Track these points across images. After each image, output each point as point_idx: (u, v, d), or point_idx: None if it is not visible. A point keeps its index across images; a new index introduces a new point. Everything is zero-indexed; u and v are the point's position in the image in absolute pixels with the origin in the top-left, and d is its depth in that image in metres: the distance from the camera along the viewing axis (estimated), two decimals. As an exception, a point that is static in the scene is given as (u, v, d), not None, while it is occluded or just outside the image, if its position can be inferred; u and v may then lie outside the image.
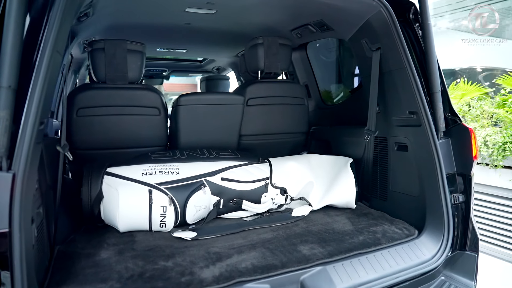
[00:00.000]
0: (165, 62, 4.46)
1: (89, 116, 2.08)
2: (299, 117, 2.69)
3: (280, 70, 2.56)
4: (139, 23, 2.61)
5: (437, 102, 1.79)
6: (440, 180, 1.77)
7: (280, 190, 2.16)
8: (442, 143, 1.81)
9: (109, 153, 2.20)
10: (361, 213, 2.14)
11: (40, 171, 1.43)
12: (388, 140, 2.10)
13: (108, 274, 1.40)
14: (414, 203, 1.93)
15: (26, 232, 1.10)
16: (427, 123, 1.80)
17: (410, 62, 1.81)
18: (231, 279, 1.39)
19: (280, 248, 1.64)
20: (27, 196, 1.12)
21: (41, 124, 1.20)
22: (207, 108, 2.35)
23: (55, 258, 1.52)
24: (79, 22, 2.13)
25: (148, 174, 1.90)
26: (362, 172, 2.28)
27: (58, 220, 1.74)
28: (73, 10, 1.36)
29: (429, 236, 1.79)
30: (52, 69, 1.19)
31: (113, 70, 2.07)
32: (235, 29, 2.81)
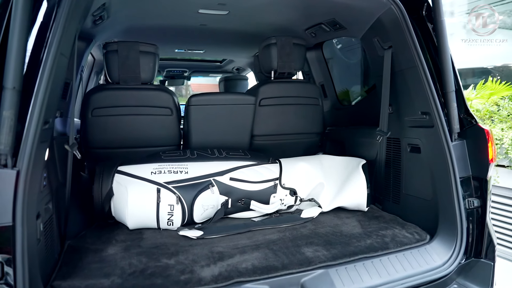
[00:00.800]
0: (186, 62, 4.53)
1: (103, 116, 2.15)
2: (313, 117, 2.66)
3: (294, 70, 2.55)
4: (156, 25, 2.67)
5: (450, 102, 1.71)
6: (453, 184, 1.69)
7: (290, 191, 2.14)
8: (456, 145, 1.74)
9: (123, 152, 2.27)
10: (373, 216, 2.08)
11: (50, 169, 1.49)
12: (401, 141, 2.03)
13: (111, 269, 1.45)
14: (427, 207, 1.86)
15: (29, 226, 1.16)
16: (440, 124, 1.73)
17: (422, 61, 1.74)
18: (229, 279, 1.39)
19: (284, 250, 1.63)
20: (31, 193, 1.17)
21: (46, 124, 1.26)
22: (218, 109, 2.36)
23: (64, 252, 1.59)
24: (95, 25, 2.21)
25: (157, 173, 1.93)
26: (375, 174, 2.22)
27: (71, 216, 1.81)
28: (78, 15, 1.41)
29: (441, 242, 1.71)
30: (56, 71, 1.24)
31: (126, 71, 2.13)
32: (250, 30, 2.81)
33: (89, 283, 1.33)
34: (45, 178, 1.40)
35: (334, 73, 3.00)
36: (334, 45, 3.16)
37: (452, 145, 1.72)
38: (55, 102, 1.35)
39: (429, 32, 1.79)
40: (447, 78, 1.71)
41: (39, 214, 1.30)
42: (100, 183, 1.89)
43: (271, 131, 2.58)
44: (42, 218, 1.33)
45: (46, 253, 1.37)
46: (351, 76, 3.12)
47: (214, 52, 3.92)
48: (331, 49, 3.05)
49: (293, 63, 2.51)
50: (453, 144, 1.72)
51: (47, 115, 1.24)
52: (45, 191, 1.41)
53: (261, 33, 2.76)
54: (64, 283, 1.31)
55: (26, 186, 1.13)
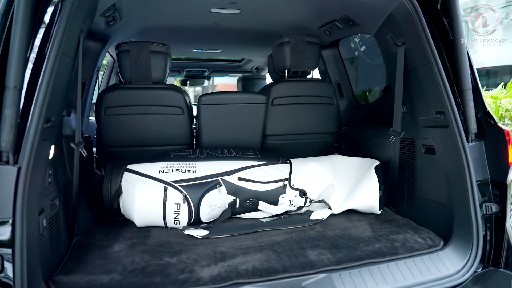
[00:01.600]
0: (205, 62, 4.56)
1: (116, 115, 2.19)
2: (328, 117, 2.60)
3: (307, 68, 2.50)
4: (170, 26, 2.69)
5: (467, 101, 1.61)
6: (469, 187, 1.60)
7: (299, 192, 2.10)
8: (473, 146, 1.63)
9: (135, 150, 2.30)
10: (385, 219, 2.00)
11: (57, 166, 1.53)
12: (416, 142, 1.94)
13: (113, 266, 1.47)
14: (441, 211, 1.77)
15: (30, 222, 1.19)
16: (455, 124, 1.63)
17: (436, 57, 1.65)
18: (228, 280, 1.37)
19: (288, 252, 1.59)
20: (33, 189, 1.20)
21: (48, 122, 1.28)
22: (228, 108, 2.35)
23: (71, 248, 1.63)
24: (108, 25, 2.26)
25: (165, 171, 1.95)
26: (389, 176, 2.14)
27: (82, 213, 1.86)
28: (81, 15, 1.43)
29: (455, 249, 1.62)
30: (58, 71, 1.27)
31: (138, 71, 2.16)
32: (265, 28, 2.79)
33: (89, 279, 1.35)
34: (50, 175, 1.43)
35: (351, 72, 2.92)
36: (351, 43, 3.08)
37: (468, 146, 1.62)
38: (58, 101, 1.38)
39: (445, 27, 1.70)
40: (463, 75, 1.61)
41: (43, 210, 1.34)
42: (110, 181, 1.93)
43: (283, 131, 2.55)
44: (46, 213, 1.37)
45: (51, 248, 1.41)
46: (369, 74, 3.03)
47: (231, 51, 3.92)
48: (348, 46, 2.97)
49: (307, 61, 2.47)
50: (470, 145, 1.63)
51: (48, 114, 1.27)
52: (50, 187, 1.44)
53: (276, 31, 2.73)
54: (66, 278, 1.34)
55: (26, 183, 1.16)
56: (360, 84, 3.06)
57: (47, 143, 1.33)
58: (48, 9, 1.27)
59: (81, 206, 1.88)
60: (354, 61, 3.06)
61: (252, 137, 2.46)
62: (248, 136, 2.44)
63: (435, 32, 1.72)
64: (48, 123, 1.29)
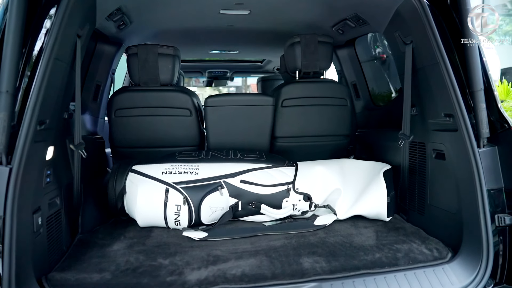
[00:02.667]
0: (226, 63, 4.59)
1: (125, 116, 2.25)
2: (340, 118, 2.51)
3: (319, 69, 2.43)
4: (183, 28, 2.73)
5: (478, 103, 1.49)
6: (479, 196, 1.47)
7: (304, 196, 2.04)
8: (485, 152, 1.51)
9: (145, 151, 2.35)
10: (394, 227, 1.90)
11: (57, 167, 1.59)
12: (426, 146, 1.83)
13: (108, 265, 1.50)
14: (451, 221, 1.65)
15: (22, 220, 1.23)
16: (464, 128, 1.52)
17: (444, 56, 1.54)
18: (214, 284, 1.36)
19: (282, 258, 1.56)
20: (25, 188, 1.25)
21: (42, 125, 1.33)
22: (233, 109, 2.34)
23: (73, 245, 1.69)
24: (119, 29, 2.32)
25: (168, 173, 1.97)
26: (401, 181, 2.03)
27: (88, 211, 1.92)
28: (76, 21, 1.47)
29: (463, 262, 1.50)
30: (51, 75, 1.32)
31: (146, 73, 2.21)
32: (278, 28, 2.75)
33: (81, 277, 1.39)
34: (49, 175, 1.49)
35: (370, 71, 2.81)
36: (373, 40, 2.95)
37: (480, 151, 1.50)
38: (54, 104, 1.42)
39: (456, 24, 1.58)
40: (473, 75, 1.49)
41: (39, 208, 1.39)
42: (114, 181, 1.98)
43: (294, 133, 2.50)
44: (43, 212, 1.42)
45: (49, 245, 1.46)
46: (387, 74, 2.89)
47: (248, 52, 3.91)
48: (366, 45, 2.86)
49: (319, 62, 2.40)
50: (481, 151, 1.50)
51: (42, 117, 1.32)
52: (49, 187, 1.50)
53: (290, 31, 2.69)
54: (58, 275, 1.39)
55: (17, 182, 1.21)
56: (383, 85, 2.93)
57: (41, 144, 1.38)
58: (41, 16, 1.32)
59: (88, 205, 1.94)
60: (376, 60, 2.94)
61: (260, 139, 2.43)
62: (256, 138, 2.42)
63: (445, 29, 1.60)
64: (42, 125, 1.34)
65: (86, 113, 2.48)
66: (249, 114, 2.35)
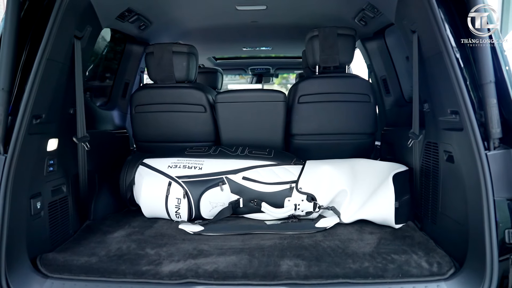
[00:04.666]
0: (268, 60, 4.57)
1: (144, 112, 2.38)
2: (362, 116, 2.35)
3: (339, 63, 2.30)
4: (207, 26, 2.78)
5: (487, 98, 1.28)
6: (485, 206, 1.27)
7: (307, 196, 1.96)
8: (495, 155, 1.29)
9: (163, 146, 2.46)
10: (402, 235, 1.73)
11: (62, 157, 1.74)
12: (439, 147, 1.63)
13: (100, 250, 1.61)
14: (459, 233, 1.45)
15: (16, 203, 1.38)
16: (470, 127, 1.32)
17: (447, 45, 1.35)
18: (183, 278, 1.38)
19: (263, 258, 1.52)
20: (20, 175, 1.40)
21: (37, 119, 1.47)
22: (244, 106, 2.33)
23: (80, 230, 1.84)
24: (141, 30, 2.46)
25: (173, 167, 2.04)
26: (415, 185, 1.84)
27: (103, 200, 2.08)
28: (71, 23, 1.58)
29: (462, 281, 1.31)
30: (44, 74, 1.44)
31: (162, 71, 2.30)
32: (301, 22, 2.67)
33: (70, 258, 1.50)
34: (52, 164, 1.64)
35: (400, 65, 2.57)
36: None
37: (489, 154, 1.29)
38: (48, 100, 1.53)
39: (465, 9, 1.37)
40: (482, 66, 1.28)
41: (39, 194, 1.54)
42: (125, 172, 2.11)
43: (311, 130, 2.40)
44: (44, 197, 1.57)
45: (50, 227, 1.62)
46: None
47: (281, 48, 3.84)
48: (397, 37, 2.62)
49: (338, 55, 2.28)
50: (491, 154, 1.29)
51: (36, 111, 1.45)
52: (53, 175, 1.65)
53: (314, 25, 2.58)
54: (52, 255, 1.52)
55: (11, 169, 1.36)
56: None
57: (38, 136, 1.51)
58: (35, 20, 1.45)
59: (102, 194, 2.10)
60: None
61: (273, 136, 2.38)
62: (269, 135, 2.37)
63: (455, 16, 1.40)
64: (38, 119, 1.47)
65: (115, 109, 2.67)
66: (259, 110, 2.31)
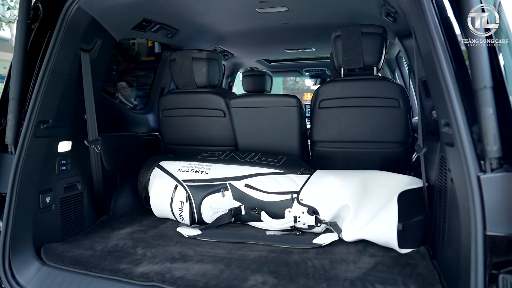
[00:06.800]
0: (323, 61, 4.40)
1: (169, 116, 2.50)
2: (391, 122, 2.11)
3: (363, 64, 2.11)
4: (237, 31, 2.78)
5: (481, 107, 1.03)
6: (473, 242, 1.04)
7: (308, 209, 1.84)
8: (492, 180, 1.04)
9: (187, 149, 2.55)
10: (404, 262, 1.51)
11: (79, 158, 1.92)
12: (447, 163, 1.37)
13: (99, 245, 1.75)
14: (454, 269, 1.21)
15: (24, 197, 1.58)
16: (460, 142, 1.08)
17: (435, 42, 1.13)
18: (149, 280, 1.41)
19: (237, 271, 1.47)
20: (28, 173, 1.59)
21: (44, 124, 1.65)
22: (257, 111, 2.27)
23: (94, 225, 2.02)
24: (169, 38, 2.58)
25: (182, 170, 2.10)
26: (425, 206, 1.58)
27: (122, 198, 2.25)
28: (75, 37, 1.73)
29: None
30: (49, 84, 1.62)
31: (183, 77, 2.38)
32: (329, 21, 2.50)
33: (67, 250, 1.66)
34: (64, 164, 1.83)
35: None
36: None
37: (483, 177, 1.04)
38: (54, 108, 1.69)
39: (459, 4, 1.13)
40: (476, 69, 1.04)
41: (50, 189, 1.74)
42: (142, 173, 2.24)
43: (332, 137, 2.24)
44: (55, 193, 1.77)
45: (62, 221, 1.81)
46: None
47: (324, 49, 3.63)
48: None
49: (362, 56, 2.08)
50: (486, 177, 1.04)
51: (42, 117, 1.63)
52: (65, 174, 1.84)
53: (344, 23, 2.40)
54: (55, 245, 1.69)
55: (18, 168, 1.56)
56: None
57: (45, 139, 1.69)
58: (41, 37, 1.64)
59: (122, 192, 2.27)
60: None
61: (289, 142, 2.28)
62: (284, 141, 2.28)
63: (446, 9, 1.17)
64: (45, 124, 1.66)
65: (151, 112, 2.86)
66: (273, 116, 2.24)
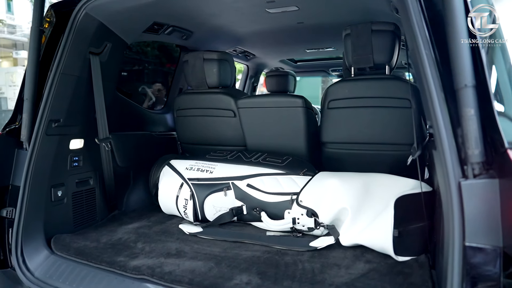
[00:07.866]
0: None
1: (183, 116, 2.57)
2: (402, 124, 2.01)
3: (374, 63, 2.03)
4: (253, 31, 2.79)
5: (463, 107, 0.96)
6: (450, 253, 0.97)
7: (307, 211, 1.81)
8: (473, 186, 0.96)
9: (200, 148, 2.61)
10: (399, 270, 1.44)
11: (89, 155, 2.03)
12: None
13: (105, 237, 1.84)
14: (444, 281, 1.13)
15: (37, 190, 1.71)
16: (440, 144, 1.02)
17: (417, 38, 1.07)
18: (140, 274, 1.47)
19: (225, 270, 1.49)
20: (41, 168, 1.72)
21: (55, 123, 1.77)
22: (264, 111, 2.26)
23: (106, 219, 2.13)
24: (185, 40, 2.65)
25: (189, 169, 2.15)
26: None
27: (135, 194, 2.35)
28: (83, 41, 1.82)
29: None
30: (59, 86, 1.73)
31: (195, 78, 2.44)
32: (342, 19, 2.44)
33: (73, 241, 1.76)
34: (76, 160, 1.95)
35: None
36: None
37: (464, 184, 0.97)
38: (64, 107, 1.80)
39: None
40: (457, 67, 0.97)
41: (62, 184, 1.86)
42: (153, 170, 2.33)
43: (341, 139, 2.19)
44: (68, 187, 1.89)
45: (74, 213, 1.93)
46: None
47: (340, 48, 3.52)
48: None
49: (372, 55, 2.01)
50: (467, 183, 0.97)
51: (53, 116, 1.75)
52: (77, 170, 1.96)
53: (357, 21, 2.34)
54: (65, 236, 1.81)
55: (31, 163, 1.69)
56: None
57: (56, 137, 1.81)
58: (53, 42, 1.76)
59: (136, 189, 2.37)
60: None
61: (296, 143, 2.25)
62: (291, 141, 2.26)
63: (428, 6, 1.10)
64: (56, 123, 1.78)
65: (169, 112, 2.95)
66: (279, 116, 2.22)
